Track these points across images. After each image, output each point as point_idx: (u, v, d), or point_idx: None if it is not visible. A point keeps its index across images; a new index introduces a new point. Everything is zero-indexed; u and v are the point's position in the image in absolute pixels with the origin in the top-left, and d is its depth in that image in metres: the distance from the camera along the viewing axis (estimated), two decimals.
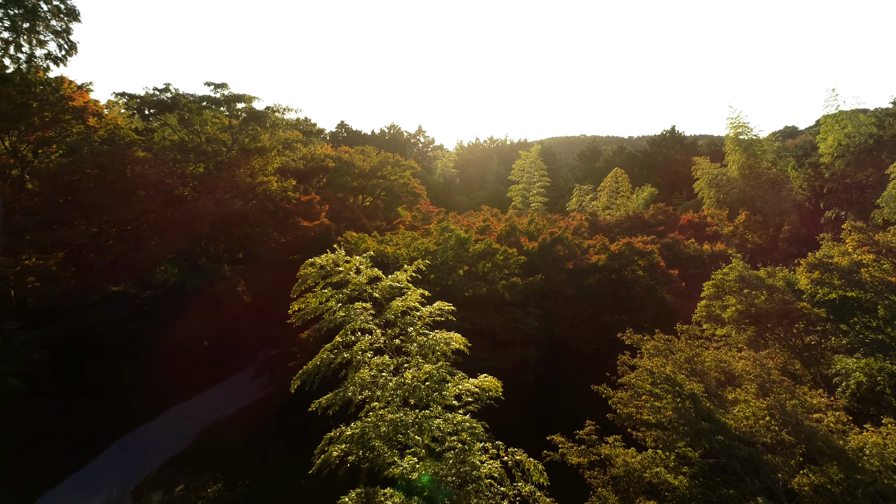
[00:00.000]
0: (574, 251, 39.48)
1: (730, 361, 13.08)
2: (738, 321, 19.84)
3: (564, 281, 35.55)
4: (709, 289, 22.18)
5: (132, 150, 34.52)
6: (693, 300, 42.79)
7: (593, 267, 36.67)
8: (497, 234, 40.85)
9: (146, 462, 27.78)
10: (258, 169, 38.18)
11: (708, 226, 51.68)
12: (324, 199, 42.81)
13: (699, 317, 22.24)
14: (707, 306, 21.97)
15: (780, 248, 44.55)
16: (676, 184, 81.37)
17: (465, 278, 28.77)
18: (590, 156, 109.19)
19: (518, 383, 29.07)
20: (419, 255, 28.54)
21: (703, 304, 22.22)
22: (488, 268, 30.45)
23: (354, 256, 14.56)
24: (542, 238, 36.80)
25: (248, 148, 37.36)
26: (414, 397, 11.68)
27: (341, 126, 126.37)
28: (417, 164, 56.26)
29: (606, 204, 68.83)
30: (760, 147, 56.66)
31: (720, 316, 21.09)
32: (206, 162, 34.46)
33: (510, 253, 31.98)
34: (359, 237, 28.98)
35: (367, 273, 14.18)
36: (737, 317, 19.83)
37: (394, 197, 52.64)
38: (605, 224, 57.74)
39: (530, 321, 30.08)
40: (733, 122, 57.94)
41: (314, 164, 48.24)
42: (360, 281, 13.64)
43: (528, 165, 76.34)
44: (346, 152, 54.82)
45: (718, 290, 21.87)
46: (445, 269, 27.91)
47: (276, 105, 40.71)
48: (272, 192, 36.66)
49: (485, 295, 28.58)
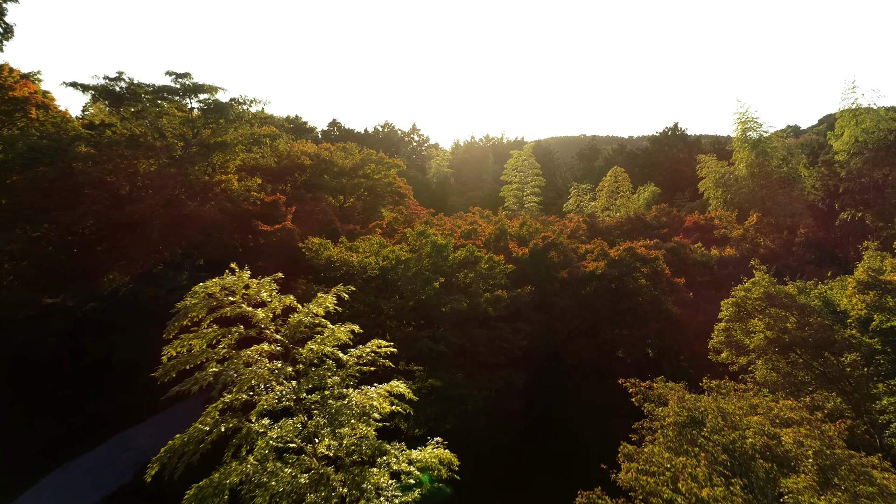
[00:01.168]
0: (570, 257, 35.71)
1: (777, 432, 9.33)
2: (767, 351, 16.10)
3: (558, 291, 31.79)
4: (728, 308, 18.41)
5: (75, 146, 30.79)
6: (701, 311, 39.05)
7: (591, 275, 32.92)
8: (485, 239, 37.11)
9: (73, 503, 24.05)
10: (219, 166, 34.45)
11: (715, 228, 47.93)
12: (297, 200, 39.08)
13: (717, 343, 18.45)
14: (726, 330, 18.20)
15: (796, 253, 40.80)
16: (679, 183, 77.62)
17: (442, 291, 25.04)
18: (589, 154, 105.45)
19: (504, 411, 25.34)
20: (389, 265, 24.78)
21: (722, 326, 18.43)
22: (470, 278, 26.70)
23: (263, 279, 10.78)
24: (533, 243, 33.05)
25: (208, 143, 33.61)
26: (317, 495, 7.91)
27: (333, 124, 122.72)
28: (403, 163, 52.50)
29: (606, 205, 65.08)
30: (770, 144, 52.89)
31: (742, 342, 17.33)
32: (157, 158, 30.68)
33: (496, 261, 28.22)
34: (320, 244, 25.22)
35: (276, 304, 10.42)
36: (765, 345, 16.07)
37: (377, 197, 48.88)
38: (605, 226, 53.98)
39: (518, 339, 26.34)
40: (741, 118, 54.19)
41: (288, 162, 44.48)
42: (260, 317, 9.87)
43: (522, 164, 72.55)
44: (327, 149, 51.04)
45: (740, 309, 18.11)
46: (419, 281, 24.15)
47: (241, 96, 37.02)
48: (233, 192, 32.90)
49: (465, 310, 24.83)
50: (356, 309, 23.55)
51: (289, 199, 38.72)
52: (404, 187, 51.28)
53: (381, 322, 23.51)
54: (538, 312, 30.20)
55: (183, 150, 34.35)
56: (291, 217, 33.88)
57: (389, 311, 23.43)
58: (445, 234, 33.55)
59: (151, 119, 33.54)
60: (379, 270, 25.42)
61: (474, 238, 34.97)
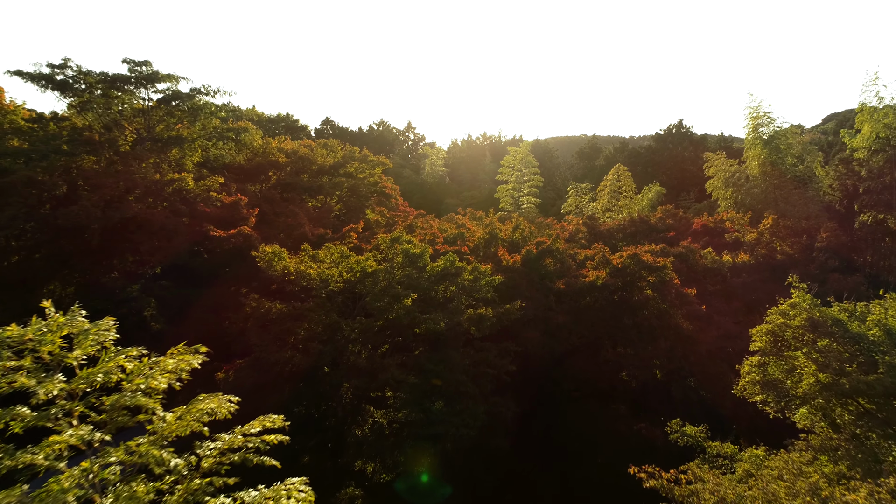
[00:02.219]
0: (567, 265, 32.02)
1: None
2: (820, 398, 12.39)
3: (554, 305, 28.10)
4: (761, 338, 14.73)
5: (6, 141, 27.19)
6: (714, 324, 35.22)
7: (591, 286, 29.21)
8: (473, 244, 33.42)
9: None
10: (174, 163, 30.82)
11: (727, 231, 44.23)
12: (267, 202, 35.42)
13: (748, 383, 14.67)
14: (760, 366, 14.48)
15: (818, 259, 37.05)
16: (684, 183, 73.88)
17: (417, 308, 21.36)
18: (589, 153, 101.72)
19: (490, 451, 21.65)
20: (354, 277, 21.09)
21: (756, 361, 14.71)
22: (451, 292, 23.01)
23: (74, 316, 7.04)
24: (526, 250, 29.37)
25: (161, 137, 29.98)
26: None
27: (326, 122, 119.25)
28: (390, 161, 48.83)
29: (607, 205, 61.37)
30: (784, 140, 49.13)
31: (783, 384, 13.63)
32: (98, 154, 27.05)
33: (482, 271, 24.53)
34: (273, 253, 21.54)
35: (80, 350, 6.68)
36: (816, 391, 12.37)
37: (360, 198, 45.20)
38: (606, 229, 50.29)
39: (506, 363, 22.66)
40: (753, 112, 50.45)
41: (262, 160, 40.84)
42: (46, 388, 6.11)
43: (519, 163, 68.76)
44: (307, 146, 47.41)
45: (777, 340, 14.43)
46: (388, 297, 20.48)
47: (204, 86, 33.35)
48: (189, 193, 29.24)
49: (443, 331, 21.15)
50: (312, 331, 19.90)
51: (259, 201, 35.09)
52: (390, 187, 47.67)
53: (340, 347, 19.84)
54: (531, 329, 26.50)
55: (135, 146, 30.71)
56: (255, 220, 30.25)
57: (352, 334, 19.76)
58: (428, 240, 29.89)
59: (100, 110, 29.89)
60: (343, 284, 21.75)
61: (461, 244, 31.29)
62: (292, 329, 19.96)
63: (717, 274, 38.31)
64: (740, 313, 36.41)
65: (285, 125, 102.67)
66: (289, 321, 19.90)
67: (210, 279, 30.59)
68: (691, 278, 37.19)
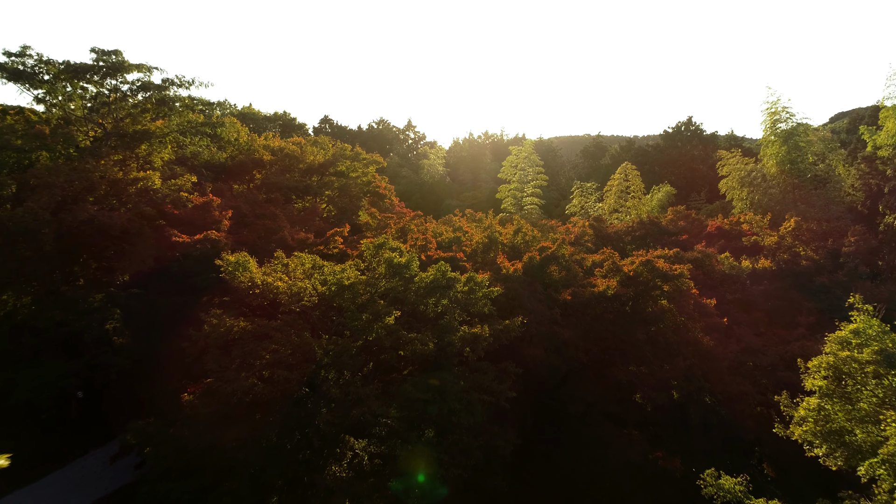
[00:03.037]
0: (573, 272, 29.14)
1: None
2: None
3: (559, 318, 25.21)
4: (820, 374, 11.83)
5: None
6: (734, 337, 32.27)
7: (601, 297, 26.32)
8: (471, 249, 30.62)
9: None
10: (143, 160, 28.12)
11: (744, 234, 41.26)
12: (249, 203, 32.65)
13: (807, 433, 11.73)
14: (818, 413, 11.57)
15: (846, 266, 34.02)
16: (694, 183, 70.80)
17: (403, 324, 18.56)
18: (594, 152, 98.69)
19: (486, 490, 18.82)
20: (329, 291, 18.29)
21: (814, 404, 11.77)
22: (443, 306, 20.18)
23: None
24: (528, 257, 26.52)
25: (126, 132, 27.28)
26: None
27: (325, 121, 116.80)
28: (383, 159, 45.97)
29: (614, 206, 58.39)
30: (804, 137, 46.10)
31: (853, 436, 10.74)
32: (51, 150, 24.35)
33: (479, 282, 21.72)
34: (236, 262, 18.72)
35: None
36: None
37: (352, 199, 42.40)
38: (614, 232, 47.33)
39: (505, 389, 19.84)
40: (771, 107, 47.45)
41: (244, 158, 38.11)
42: None
43: (522, 161, 65.77)
44: (297, 144, 44.65)
45: (838, 375, 11.54)
46: (368, 314, 17.66)
47: (178, 76, 30.70)
48: (156, 193, 26.50)
49: (433, 352, 18.34)
50: (279, 355, 17.10)
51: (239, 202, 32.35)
52: (383, 187, 44.89)
53: (311, 374, 17.02)
54: (533, 346, 23.64)
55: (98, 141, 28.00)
56: (232, 223, 27.51)
57: (324, 359, 16.94)
58: (419, 245, 27.08)
59: (56, 101, 27.20)
60: (318, 298, 18.95)
61: (456, 249, 28.46)
62: (256, 352, 17.16)
63: (736, 281, 35.38)
64: (762, 324, 33.51)
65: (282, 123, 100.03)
66: (251, 342, 17.11)
67: (184, 288, 27.84)
68: (708, 286, 34.28)
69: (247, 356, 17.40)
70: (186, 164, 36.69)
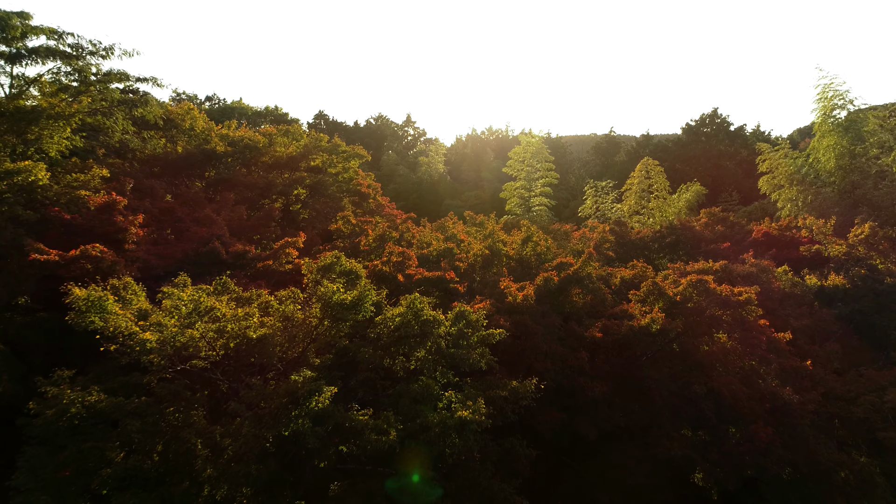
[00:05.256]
0: (601, 296, 22.10)
1: None
2: None
3: (586, 365, 18.10)
4: None
5: None
6: (806, 378, 25.23)
7: (642, 333, 19.20)
8: (467, 265, 23.63)
9: None
10: (35, 149, 21.37)
11: (800, 243, 34.08)
12: (188, 204, 25.85)
13: None
14: None
15: None
16: (722, 182, 63.41)
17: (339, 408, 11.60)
18: (607, 149, 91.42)
19: None
20: (228, 347, 11.32)
21: None
22: (417, 362, 13.23)
23: None
24: (544, 278, 19.46)
25: (5, 110, 20.55)
26: None
27: (320, 116, 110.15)
28: (366, 151, 39.10)
29: (635, 208, 51.17)
30: (866, 125, 38.82)
31: None
32: None
33: (473, 320, 14.75)
34: (89, 299, 11.84)
35: None
36: None
37: (327, 199, 35.60)
38: (639, 238, 40.20)
39: (509, 490, 12.88)
40: (824, 92, 40.17)
41: (193, 150, 31.36)
42: None
43: (530, 156, 58.63)
44: (265, 134, 37.90)
45: None
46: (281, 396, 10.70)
47: (92, 41, 24.09)
48: (43, 192, 19.71)
49: (394, 443, 11.38)
50: (132, 462, 10.16)
51: (174, 203, 25.59)
52: (367, 185, 38.01)
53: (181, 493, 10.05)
54: (550, 407, 16.64)
55: None
56: (143, 231, 20.66)
57: (206, 469, 9.97)
58: (395, 262, 20.09)
59: None
60: (219, 357, 12.01)
61: (446, 265, 21.47)
62: (100, 453, 10.26)
63: (801, 302, 28.27)
64: (839, 359, 26.44)
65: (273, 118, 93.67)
66: (87, 440, 10.20)
67: None
68: (767, 308, 27.13)
69: (85, 458, 10.48)
70: (127, 157, 30.10)
